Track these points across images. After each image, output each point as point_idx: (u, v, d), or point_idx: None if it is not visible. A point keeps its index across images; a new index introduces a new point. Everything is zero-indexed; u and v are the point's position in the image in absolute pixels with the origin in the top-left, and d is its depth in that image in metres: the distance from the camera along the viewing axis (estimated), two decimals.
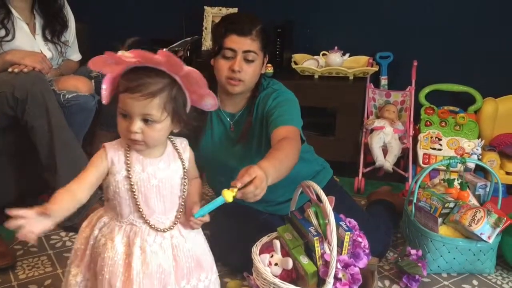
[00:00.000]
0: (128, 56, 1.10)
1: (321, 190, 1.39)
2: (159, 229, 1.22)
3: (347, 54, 2.81)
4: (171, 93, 1.15)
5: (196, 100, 1.22)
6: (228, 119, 1.81)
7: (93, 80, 2.14)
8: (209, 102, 1.23)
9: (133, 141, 1.17)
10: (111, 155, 1.19)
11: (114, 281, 1.17)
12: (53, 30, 2.21)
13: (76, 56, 2.38)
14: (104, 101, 1.18)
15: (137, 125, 1.14)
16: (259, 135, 1.78)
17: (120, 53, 1.10)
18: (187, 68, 1.13)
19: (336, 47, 2.76)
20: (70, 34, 2.30)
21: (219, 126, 1.82)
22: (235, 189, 1.20)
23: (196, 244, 1.26)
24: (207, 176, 2.02)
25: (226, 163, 1.82)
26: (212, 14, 2.93)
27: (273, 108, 1.69)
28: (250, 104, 1.78)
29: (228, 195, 1.19)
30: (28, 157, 2.05)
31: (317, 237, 1.41)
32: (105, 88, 1.16)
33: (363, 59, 2.85)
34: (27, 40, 2.13)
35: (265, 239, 1.60)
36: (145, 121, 1.15)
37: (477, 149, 2.41)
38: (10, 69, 1.97)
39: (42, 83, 1.95)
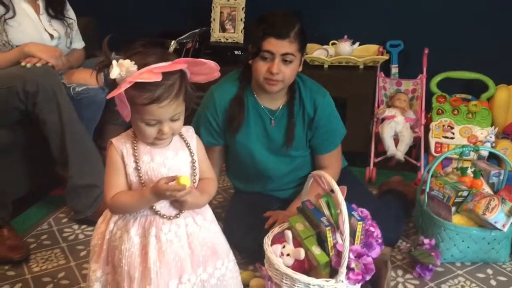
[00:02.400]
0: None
1: (333, 180, 1.38)
2: (165, 216, 1.20)
3: (357, 43, 2.78)
4: (184, 84, 1.16)
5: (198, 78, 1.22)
6: (268, 114, 1.83)
7: (102, 73, 2.13)
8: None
9: (161, 140, 1.19)
10: (120, 149, 1.20)
11: (133, 272, 1.18)
12: (55, 6, 2.21)
13: (80, 44, 2.38)
14: (127, 120, 1.15)
15: (168, 126, 1.16)
16: (299, 134, 1.83)
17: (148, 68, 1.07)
18: (211, 64, 1.16)
19: (345, 36, 2.73)
20: (73, 25, 2.30)
21: (256, 120, 1.84)
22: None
23: (210, 232, 1.26)
24: (230, 168, 2.04)
25: (260, 158, 1.87)
26: (220, 5, 2.91)
27: (323, 124, 1.83)
28: (290, 102, 1.82)
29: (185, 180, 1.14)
30: (40, 150, 2.06)
31: (329, 227, 1.41)
32: (127, 105, 1.10)
33: (373, 47, 2.81)
34: (30, 22, 2.11)
35: (276, 229, 1.59)
36: (172, 119, 1.16)
37: (490, 137, 2.38)
38: (23, 63, 1.97)
39: (53, 77, 1.95)
